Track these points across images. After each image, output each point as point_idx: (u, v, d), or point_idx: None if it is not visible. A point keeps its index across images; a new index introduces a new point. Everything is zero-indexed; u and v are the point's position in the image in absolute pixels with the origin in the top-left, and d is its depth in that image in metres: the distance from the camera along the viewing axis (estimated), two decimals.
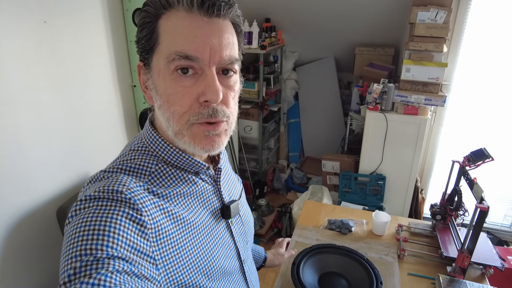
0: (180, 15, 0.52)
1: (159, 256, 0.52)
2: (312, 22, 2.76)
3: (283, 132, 3.42)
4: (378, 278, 1.04)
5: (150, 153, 0.60)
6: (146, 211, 0.51)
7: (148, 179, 0.56)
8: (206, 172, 0.64)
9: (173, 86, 0.53)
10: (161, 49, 0.53)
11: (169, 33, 0.52)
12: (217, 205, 0.66)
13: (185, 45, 0.51)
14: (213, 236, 0.62)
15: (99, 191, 0.50)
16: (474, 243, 1.07)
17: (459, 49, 2.25)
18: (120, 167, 0.57)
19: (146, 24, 0.54)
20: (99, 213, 0.48)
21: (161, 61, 0.53)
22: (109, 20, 1.60)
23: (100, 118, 1.63)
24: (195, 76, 0.53)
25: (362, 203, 2.25)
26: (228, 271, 0.65)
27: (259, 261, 1.06)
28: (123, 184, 0.52)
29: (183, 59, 0.51)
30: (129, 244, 0.47)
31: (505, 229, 2.54)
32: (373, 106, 2.16)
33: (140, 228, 0.50)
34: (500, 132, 2.33)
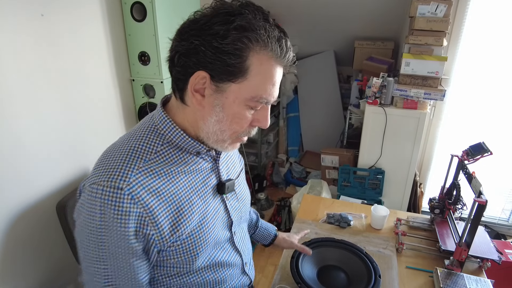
0: (270, 60, 0.60)
1: (159, 237, 0.63)
2: (312, 16, 2.74)
3: (282, 126, 3.41)
4: (376, 272, 1.05)
5: (157, 133, 0.67)
6: (141, 204, 0.60)
7: (153, 157, 0.65)
8: (207, 153, 0.72)
9: (244, 115, 0.64)
10: (248, 84, 0.60)
11: (260, 76, 0.60)
12: (215, 182, 0.75)
13: (271, 94, 0.63)
14: (209, 209, 0.72)
15: (103, 188, 0.59)
16: (472, 237, 1.08)
17: (459, 43, 2.24)
18: (130, 146, 0.65)
19: (238, 51, 0.57)
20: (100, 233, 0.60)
21: (244, 94, 0.61)
22: (107, 14, 1.59)
23: (99, 113, 1.62)
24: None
25: (361, 197, 2.26)
26: (219, 241, 0.76)
27: (268, 239, 1.13)
28: (124, 177, 0.60)
29: (265, 103, 0.64)
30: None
31: (503, 222, 2.55)
32: (372, 100, 2.16)
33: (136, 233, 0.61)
34: (499, 127, 2.33)
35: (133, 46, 1.71)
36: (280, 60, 0.61)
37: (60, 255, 1.45)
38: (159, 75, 1.71)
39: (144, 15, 1.62)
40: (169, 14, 1.69)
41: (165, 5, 1.65)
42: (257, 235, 1.13)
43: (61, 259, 1.46)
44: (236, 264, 0.83)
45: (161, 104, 0.71)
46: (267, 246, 1.15)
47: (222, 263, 0.78)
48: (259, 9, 0.60)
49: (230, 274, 0.81)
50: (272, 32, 0.59)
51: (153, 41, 1.65)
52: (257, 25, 0.57)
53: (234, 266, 0.83)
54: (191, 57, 0.59)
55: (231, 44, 0.56)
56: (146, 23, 1.63)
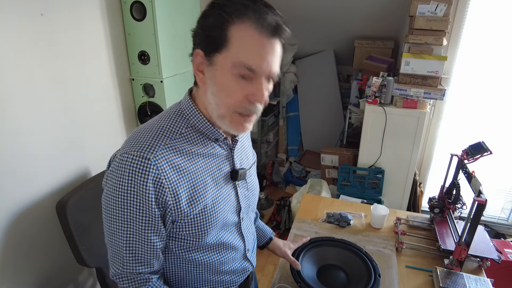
0: (250, 29, 0.64)
1: (175, 207, 0.71)
2: (312, 15, 2.74)
3: (282, 125, 3.41)
4: (376, 271, 1.05)
5: (183, 117, 0.76)
6: (164, 175, 0.68)
7: (178, 137, 0.73)
8: (224, 141, 0.80)
9: (232, 84, 0.67)
10: (230, 54, 0.66)
11: (239, 44, 0.65)
12: (228, 169, 0.82)
13: (252, 60, 0.65)
14: (221, 192, 0.79)
15: (133, 157, 0.67)
16: (471, 236, 1.08)
17: (459, 43, 2.24)
18: (159, 126, 0.73)
19: (218, 24, 0.65)
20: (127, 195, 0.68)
21: (228, 63, 0.66)
22: (107, 13, 1.58)
23: (99, 112, 1.62)
24: (248, 79, 0.68)
25: (360, 197, 2.26)
26: (227, 223, 0.83)
27: (262, 240, 1.14)
28: (152, 150, 0.68)
29: (247, 70, 0.66)
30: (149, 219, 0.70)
31: (502, 222, 2.56)
32: (372, 99, 2.16)
33: (157, 199, 0.69)
34: (499, 126, 2.34)
35: (132, 46, 1.71)
36: (263, 30, 0.64)
37: (60, 255, 1.45)
38: (159, 74, 1.70)
39: (144, 15, 1.62)
40: (169, 14, 1.69)
41: (165, 5, 1.65)
42: None
43: (61, 258, 1.46)
44: (239, 248, 0.89)
45: (189, 91, 0.78)
46: (261, 248, 1.15)
47: (226, 244, 0.84)
48: None
49: (232, 256, 0.87)
50: (250, 5, 0.65)
51: (153, 40, 1.65)
52: (235, 1, 0.65)
53: (237, 250, 0.88)
54: (194, 39, 0.71)
55: (213, 19, 0.66)
56: (146, 22, 1.63)
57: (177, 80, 1.82)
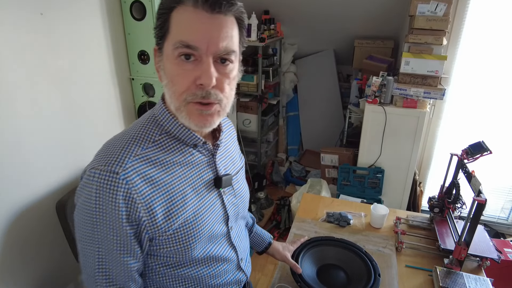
0: (188, 9, 0.61)
1: (150, 223, 0.65)
2: (312, 14, 2.74)
3: (282, 125, 3.41)
4: (376, 270, 1.05)
5: (157, 123, 0.71)
6: (135, 189, 0.63)
7: (151, 145, 0.68)
8: (204, 146, 0.75)
9: (176, 69, 0.64)
10: (170, 37, 0.63)
11: (177, 25, 0.62)
12: (211, 176, 0.77)
13: (188, 36, 0.61)
14: (203, 202, 0.74)
15: (100, 172, 0.62)
16: (471, 236, 1.08)
17: (458, 42, 2.24)
18: (130, 135, 0.68)
19: (161, 15, 0.64)
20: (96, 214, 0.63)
21: (169, 47, 0.63)
22: (107, 13, 1.58)
23: (98, 111, 1.62)
24: (195, 62, 0.63)
25: (360, 196, 2.26)
26: (214, 235, 0.77)
27: (261, 245, 1.11)
28: (121, 163, 0.63)
29: (185, 47, 0.61)
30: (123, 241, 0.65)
31: (502, 221, 2.56)
32: (372, 99, 2.16)
33: (129, 216, 0.63)
34: (499, 126, 2.33)
35: (132, 45, 1.71)
36: (198, 5, 0.60)
37: (60, 254, 1.45)
38: None
39: (143, 14, 1.62)
40: None
41: None
42: (251, 241, 1.10)
43: (61, 258, 1.46)
44: (231, 259, 0.84)
45: (162, 96, 0.74)
46: (260, 253, 1.12)
47: (216, 257, 0.79)
48: None
49: (224, 269, 0.82)
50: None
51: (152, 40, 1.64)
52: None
53: (229, 262, 0.83)
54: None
55: (158, 13, 0.66)
56: (146, 22, 1.63)
57: None
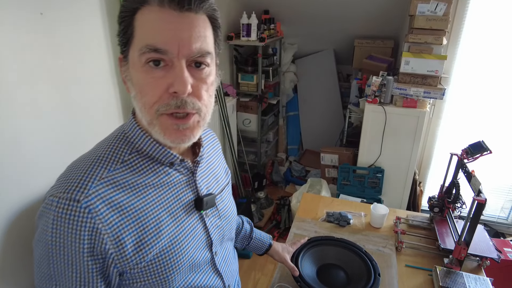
0: (153, 9, 0.53)
1: (118, 256, 0.57)
2: (312, 14, 2.74)
3: (282, 125, 3.41)
4: (376, 270, 1.05)
5: (127, 141, 0.63)
6: (100, 219, 0.55)
7: (119, 166, 0.60)
8: (182, 164, 0.66)
9: (145, 77, 0.55)
10: (135, 42, 0.56)
11: (142, 27, 0.55)
12: (191, 197, 0.68)
13: (155, 39, 0.53)
14: (182, 228, 0.65)
15: (58, 200, 0.55)
16: (471, 235, 1.08)
17: (458, 42, 2.24)
18: (95, 155, 0.61)
19: (123, 18, 0.56)
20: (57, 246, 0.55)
21: (135, 54, 0.55)
22: (107, 12, 1.58)
23: (98, 111, 1.62)
24: (165, 68, 0.55)
25: (360, 196, 2.26)
26: (196, 263, 0.68)
27: (262, 249, 1.08)
28: (83, 189, 0.55)
29: (153, 51, 0.53)
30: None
31: (502, 221, 2.56)
32: (372, 99, 2.16)
33: (93, 250, 0.55)
34: (499, 125, 2.34)
35: None
36: (165, 4, 0.53)
37: None
38: None
39: None
40: None
41: None
42: (251, 247, 1.08)
43: None
44: (217, 287, 0.75)
45: (133, 111, 0.64)
46: (260, 255, 1.11)
47: (199, 287, 0.70)
48: None
49: None
50: None
51: None
52: None
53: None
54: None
55: (119, 16, 0.58)
56: None
57: None
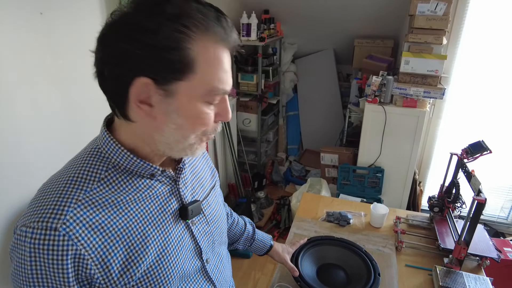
0: (216, 45, 0.52)
1: (105, 280, 0.54)
2: (312, 14, 2.74)
3: (281, 125, 3.41)
4: (376, 270, 1.05)
5: (101, 157, 0.59)
6: (82, 244, 0.52)
7: (96, 186, 0.56)
8: (164, 174, 0.63)
9: (205, 112, 0.55)
10: (198, 78, 0.52)
11: (209, 66, 0.52)
12: (176, 206, 0.65)
13: (226, 82, 0.55)
14: (169, 239, 0.62)
15: (33, 231, 0.50)
16: (471, 235, 1.08)
17: (458, 42, 2.24)
18: (68, 176, 0.57)
19: (178, 44, 0.48)
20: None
21: (197, 91, 0.53)
22: (106, 12, 1.58)
23: (98, 111, 1.61)
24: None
25: (360, 196, 2.26)
26: (186, 273, 0.66)
27: (263, 250, 1.07)
28: (59, 215, 0.51)
29: (220, 94, 0.56)
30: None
31: (502, 221, 2.56)
32: (372, 98, 2.16)
33: (78, 277, 0.52)
34: (499, 125, 2.34)
35: None
36: (226, 43, 0.53)
37: None
38: None
39: None
40: None
41: None
42: (253, 248, 1.08)
43: None
44: None
45: (105, 123, 0.61)
46: (261, 255, 1.10)
47: None
48: None
49: None
50: (209, 14, 0.51)
51: None
52: (190, 9, 0.49)
53: None
54: (123, 64, 0.50)
55: (168, 37, 0.48)
56: None
57: None
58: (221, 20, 0.52)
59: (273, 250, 1.08)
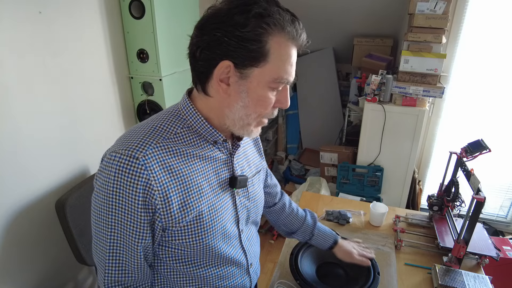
0: (287, 42, 0.64)
1: (164, 212, 0.65)
2: (311, 12, 2.73)
3: (281, 123, 3.41)
4: (375, 268, 1.05)
5: (180, 117, 0.71)
6: (154, 176, 0.63)
7: (172, 136, 0.68)
8: (223, 144, 0.75)
9: (268, 97, 0.67)
10: (269, 67, 0.64)
11: (280, 58, 0.64)
12: (227, 174, 0.76)
13: (290, 74, 0.67)
14: (218, 199, 0.73)
15: (120, 156, 0.62)
16: (470, 234, 1.08)
17: (458, 40, 2.24)
18: (152, 125, 0.69)
19: (259, 38, 0.61)
20: (115, 198, 0.63)
21: (267, 77, 0.64)
22: (105, 11, 1.58)
23: (97, 110, 1.62)
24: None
25: (359, 194, 2.26)
26: (227, 234, 0.76)
27: (325, 244, 1.08)
28: (142, 149, 0.63)
29: (284, 83, 0.67)
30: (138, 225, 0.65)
31: (501, 219, 2.56)
32: (371, 97, 2.16)
33: (145, 203, 0.63)
34: (498, 124, 2.34)
35: (131, 44, 1.71)
36: (295, 41, 0.65)
37: (60, 253, 1.45)
38: (158, 72, 1.70)
39: (142, 12, 1.62)
40: (167, 11, 1.68)
41: (164, 2, 1.64)
42: (313, 241, 1.09)
43: (61, 257, 1.46)
44: (241, 263, 0.83)
45: (187, 93, 0.74)
46: (328, 249, 1.10)
47: (227, 258, 0.78)
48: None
49: (232, 271, 0.81)
50: (286, 16, 0.63)
51: (151, 38, 1.64)
52: (272, 11, 0.61)
53: (239, 265, 0.83)
54: (214, 49, 0.62)
55: (252, 31, 0.60)
56: (145, 20, 1.62)
57: (176, 78, 1.81)
58: (295, 23, 0.64)
59: (338, 246, 1.08)
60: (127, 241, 0.66)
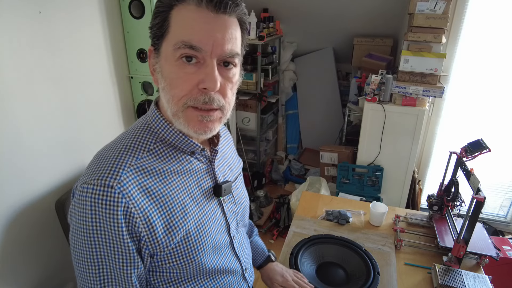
0: (190, 8, 0.57)
1: (149, 239, 0.61)
2: (311, 12, 2.73)
3: (281, 123, 3.41)
4: (375, 268, 1.06)
5: (151, 131, 0.67)
6: (133, 203, 0.59)
7: (146, 155, 0.64)
8: (202, 153, 0.71)
9: (177, 71, 0.59)
10: (170, 37, 0.59)
11: (178, 24, 0.58)
12: (210, 184, 0.73)
13: (191, 36, 0.57)
14: (204, 212, 0.70)
15: (93, 187, 0.58)
16: (470, 233, 1.08)
17: (458, 40, 2.24)
18: (122, 145, 0.64)
19: (160, 13, 0.60)
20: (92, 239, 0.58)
21: (169, 48, 0.59)
22: (105, 11, 1.58)
23: (98, 110, 1.62)
24: (197, 65, 0.59)
25: (359, 194, 2.26)
26: (218, 245, 0.73)
27: (258, 261, 1.04)
28: (115, 176, 0.59)
29: (187, 48, 0.57)
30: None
31: (501, 219, 2.56)
32: (371, 97, 2.16)
33: (129, 231, 0.59)
34: (498, 124, 2.34)
35: (131, 43, 1.71)
36: (202, 5, 0.57)
37: (59, 253, 1.45)
38: None
39: (142, 12, 1.62)
40: None
41: None
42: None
43: (60, 257, 1.46)
44: (236, 270, 0.81)
45: (155, 102, 0.70)
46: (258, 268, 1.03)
47: (221, 270, 0.75)
48: None
49: (229, 281, 0.78)
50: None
51: None
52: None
53: (234, 273, 0.80)
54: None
55: (155, 11, 0.61)
56: (145, 20, 1.63)
57: None
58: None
59: (267, 268, 1.01)
60: (119, 276, 0.61)
